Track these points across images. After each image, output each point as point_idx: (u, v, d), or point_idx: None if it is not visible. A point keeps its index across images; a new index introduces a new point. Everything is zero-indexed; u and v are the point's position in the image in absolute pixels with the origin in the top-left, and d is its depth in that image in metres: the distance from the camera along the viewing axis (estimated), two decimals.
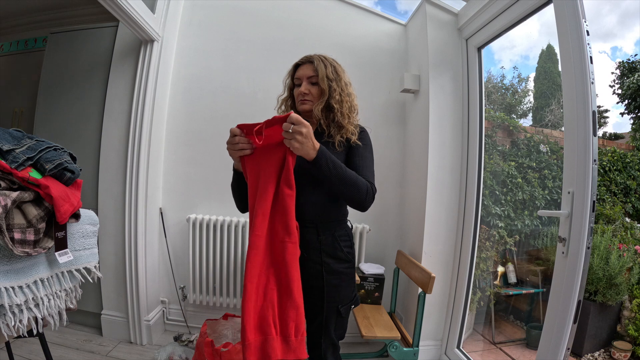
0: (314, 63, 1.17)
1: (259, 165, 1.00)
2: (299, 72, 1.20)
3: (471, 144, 1.89)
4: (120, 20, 1.72)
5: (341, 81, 1.18)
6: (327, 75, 1.16)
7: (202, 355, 1.51)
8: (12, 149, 0.95)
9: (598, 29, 13.75)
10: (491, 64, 6.39)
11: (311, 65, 1.18)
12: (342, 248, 1.13)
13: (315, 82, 1.17)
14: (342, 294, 1.13)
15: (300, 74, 1.19)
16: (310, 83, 1.18)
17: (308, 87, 1.17)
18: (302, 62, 1.20)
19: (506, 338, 2.50)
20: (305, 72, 1.18)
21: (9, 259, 0.89)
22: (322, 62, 1.17)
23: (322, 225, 1.11)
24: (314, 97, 1.17)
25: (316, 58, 1.18)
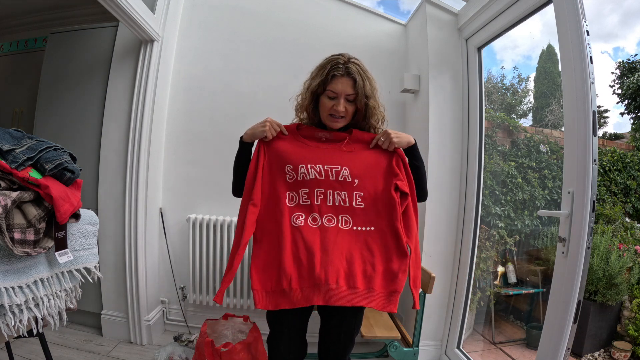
0: (356, 81, 1.08)
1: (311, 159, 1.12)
2: (336, 85, 1.09)
3: (471, 144, 1.89)
4: (120, 20, 1.72)
5: (376, 94, 1.15)
6: (366, 93, 1.11)
7: (202, 355, 1.51)
8: (12, 149, 0.95)
9: (600, 29, 13.74)
10: (493, 64, 6.39)
11: (351, 82, 1.09)
12: None
13: (351, 100, 1.11)
14: None
15: (339, 90, 1.09)
16: (348, 101, 1.11)
17: (346, 105, 1.11)
18: (340, 74, 1.09)
19: (506, 338, 2.50)
20: (345, 89, 1.09)
21: (9, 259, 0.90)
22: (361, 79, 1.09)
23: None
24: (348, 116, 1.14)
25: (356, 73, 1.08)
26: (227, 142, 1.52)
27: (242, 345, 1.54)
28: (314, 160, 1.11)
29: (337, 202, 1.09)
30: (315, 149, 1.14)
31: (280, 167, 1.11)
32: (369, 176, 1.11)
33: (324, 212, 1.08)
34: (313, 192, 1.08)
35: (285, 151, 1.13)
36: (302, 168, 1.09)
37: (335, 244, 1.04)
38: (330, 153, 1.13)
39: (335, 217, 1.08)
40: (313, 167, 1.09)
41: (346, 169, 1.10)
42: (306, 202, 1.08)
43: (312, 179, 1.09)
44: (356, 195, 1.09)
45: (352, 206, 1.09)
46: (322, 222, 1.07)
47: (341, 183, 1.09)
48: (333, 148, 1.14)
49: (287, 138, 1.16)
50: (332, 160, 1.11)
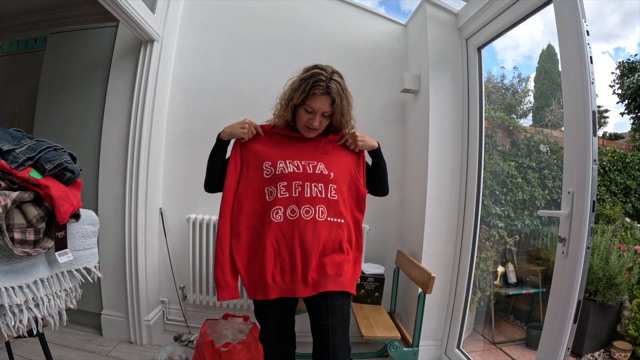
0: (335, 101, 1.15)
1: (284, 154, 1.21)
2: (314, 102, 1.14)
3: (471, 144, 1.89)
4: (120, 20, 1.72)
5: (350, 109, 1.22)
6: (342, 111, 1.18)
7: (202, 355, 1.51)
8: (12, 149, 0.95)
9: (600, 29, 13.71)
10: (494, 64, 6.37)
11: (329, 101, 1.15)
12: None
13: (327, 116, 1.19)
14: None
15: (317, 107, 1.15)
16: (323, 116, 1.18)
17: (321, 120, 1.18)
18: (321, 92, 1.13)
19: (506, 338, 2.50)
20: (322, 107, 1.15)
21: (9, 259, 0.90)
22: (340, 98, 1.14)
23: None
24: (322, 128, 1.22)
25: (336, 93, 1.13)
26: None
27: (242, 345, 1.54)
28: (291, 156, 1.19)
29: (314, 193, 1.16)
30: (292, 145, 1.23)
31: (257, 166, 1.19)
32: (341, 173, 1.22)
33: (302, 203, 1.14)
34: (291, 185, 1.15)
35: (263, 150, 1.21)
36: (280, 163, 1.17)
37: (312, 239, 1.13)
38: (307, 150, 1.22)
39: (312, 207, 1.15)
40: (291, 163, 1.17)
41: (322, 164, 1.19)
42: (284, 194, 1.15)
43: (290, 172, 1.16)
44: (331, 187, 1.18)
45: (327, 197, 1.17)
46: (300, 214, 1.14)
47: (318, 176, 1.17)
48: (309, 146, 1.23)
49: (264, 138, 1.24)
50: (309, 157, 1.20)
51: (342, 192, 1.21)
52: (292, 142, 1.23)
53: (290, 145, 1.22)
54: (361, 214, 1.26)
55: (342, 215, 1.19)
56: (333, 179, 1.19)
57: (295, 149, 1.22)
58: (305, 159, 1.19)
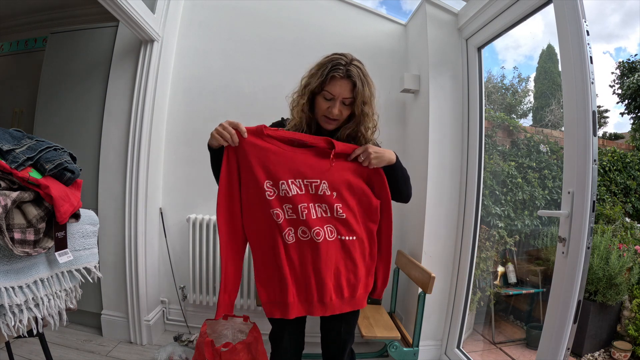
0: (355, 85, 1.05)
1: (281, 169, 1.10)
2: (334, 87, 1.05)
3: (471, 144, 1.89)
4: (120, 20, 1.72)
5: (373, 101, 1.11)
6: (364, 99, 1.07)
7: (202, 355, 1.51)
8: (12, 149, 0.95)
9: (602, 30, 13.69)
10: (495, 64, 6.37)
11: (350, 85, 1.05)
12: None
13: (347, 104, 1.08)
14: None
15: (336, 92, 1.06)
16: (343, 104, 1.08)
17: (341, 108, 1.08)
18: (340, 76, 1.04)
19: (506, 338, 2.50)
20: (342, 92, 1.05)
21: (9, 259, 0.90)
22: (361, 83, 1.05)
23: None
24: (342, 119, 1.12)
25: (357, 76, 1.04)
26: None
27: (242, 345, 1.53)
28: (293, 173, 1.08)
29: (319, 214, 1.10)
30: (293, 157, 1.09)
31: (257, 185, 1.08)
32: (348, 188, 1.12)
33: (311, 225, 1.09)
34: (297, 208, 1.08)
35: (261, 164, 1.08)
36: (283, 185, 1.07)
37: (325, 261, 1.10)
38: (308, 163, 1.10)
39: (322, 228, 1.10)
40: (294, 183, 1.08)
41: (325, 183, 1.10)
42: (292, 216, 1.09)
43: (294, 195, 1.08)
44: (336, 207, 1.11)
45: (335, 216, 1.11)
46: (311, 236, 1.09)
47: (321, 197, 1.10)
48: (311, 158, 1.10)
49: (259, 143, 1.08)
50: (311, 173, 1.09)
51: (351, 208, 1.13)
52: (293, 154, 1.09)
53: (290, 158, 1.09)
54: (374, 224, 1.17)
55: (354, 231, 1.13)
56: (337, 198, 1.11)
57: (296, 162, 1.09)
58: (308, 177, 1.09)
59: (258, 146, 1.08)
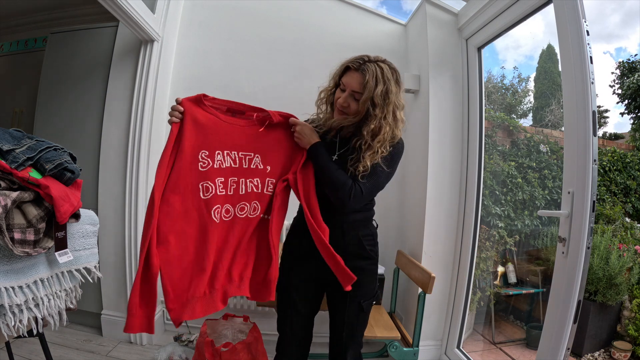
0: (365, 77, 1.02)
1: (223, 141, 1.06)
2: (346, 77, 1.06)
3: (471, 144, 1.89)
4: (120, 20, 1.72)
5: (389, 106, 1.04)
6: (374, 98, 1.02)
7: (202, 355, 1.51)
8: (12, 149, 0.95)
9: (602, 30, 13.68)
10: (495, 64, 6.37)
11: (360, 78, 1.03)
12: (366, 247, 1.17)
13: (356, 98, 1.05)
14: (364, 289, 1.16)
15: (347, 82, 1.05)
16: (353, 97, 1.06)
17: (348, 100, 1.06)
18: (354, 67, 1.05)
19: (506, 338, 2.50)
20: (352, 83, 1.04)
21: (9, 259, 0.89)
22: (374, 79, 1.01)
23: (347, 226, 1.14)
24: (351, 112, 1.08)
25: (371, 72, 1.01)
26: None
27: (242, 345, 1.53)
28: (229, 144, 1.06)
29: (249, 189, 1.09)
30: (229, 127, 1.07)
31: (193, 153, 1.02)
32: (281, 162, 1.12)
33: (237, 200, 1.07)
34: (228, 181, 1.06)
35: (198, 133, 1.04)
36: (218, 155, 1.05)
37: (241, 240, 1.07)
38: (245, 135, 1.09)
39: (248, 204, 1.08)
40: (229, 155, 1.06)
41: (258, 157, 1.10)
42: (222, 192, 1.05)
43: (227, 167, 1.06)
44: (268, 181, 1.10)
45: (263, 192, 1.10)
46: (234, 213, 1.07)
47: (254, 171, 1.09)
48: (248, 128, 1.09)
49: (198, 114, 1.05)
50: (246, 146, 1.08)
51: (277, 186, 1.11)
52: (229, 125, 1.08)
53: (227, 130, 1.07)
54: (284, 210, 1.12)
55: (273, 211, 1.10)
56: (270, 172, 1.10)
57: (232, 134, 1.07)
58: (243, 149, 1.08)
59: (197, 117, 1.05)
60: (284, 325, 1.22)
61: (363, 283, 1.14)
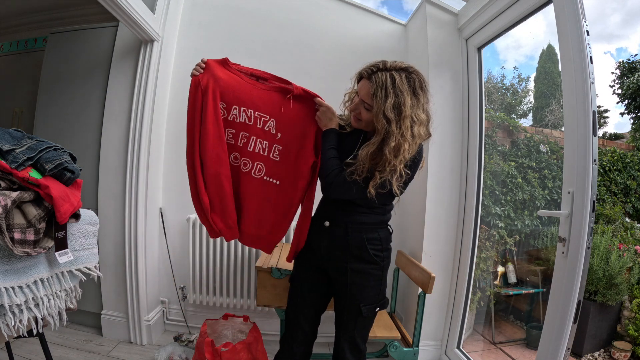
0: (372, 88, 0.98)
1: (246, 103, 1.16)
2: (360, 84, 1.06)
3: (471, 144, 1.89)
4: (120, 20, 1.72)
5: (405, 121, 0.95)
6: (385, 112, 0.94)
7: (202, 355, 1.51)
8: (12, 149, 0.95)
9: (603, 30, 13.67)
10: (496, 64, 6.37)
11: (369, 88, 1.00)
12: (369, 250, 1.11)
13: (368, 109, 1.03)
14: (366, 293, 1.13)
15: (359, 90, 1.06)
16: (363, 106, 1.04)
17: (359, 108, 1.05)
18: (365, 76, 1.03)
19: (506, 338, 2.50)
20: (361, 92, 1.04)
21: (9, 259, 0.90)
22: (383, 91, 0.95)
23: (352, 226, 1.11)
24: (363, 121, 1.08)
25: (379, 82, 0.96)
26: None
27: (242, 345, 1.54)
28: (247, 103, 1.14)
29: (257, 149, 1.15)
30: (251, 88, 1.16)
31: (215, 105, 1.12)
32: (294, 134, 1.16)
33: (243, 155, 1.15)
34: (238, 135, 1.14)
35: (220, 88, 1.13)
36: (234, 109, 1.14)
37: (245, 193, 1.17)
38: (265, 98, 1.15)
39: (251, 162, 1.16)
40: (245, 112, 1.14)
41: (273, 121, 1.15)
42: (230, 141, 1.15)
43: (241, 122, 1.14)
44: (275, 147, 1.15)
45: (269, 157, 1.16)
46: (240, 164, 1.16)
47: (265, 133, 1.15)
48: (269, 93, 1.16)
49: (221, 73, 1.15)
50: (264, 108, 1.15)
51: (288, 154, 1.16)
52: (252, 86, 1.17)
53: (249, 89, 1.16)
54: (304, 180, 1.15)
55: (280, 176, 1.17)
56: (280, 139, 1.15)
57: (253, 94, 1.16)
58: (260, 109, 1.15)
59: (219, 75, 1.14)
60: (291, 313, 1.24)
61: (363, 286, 1.12)
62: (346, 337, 1.18)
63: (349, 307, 1.14)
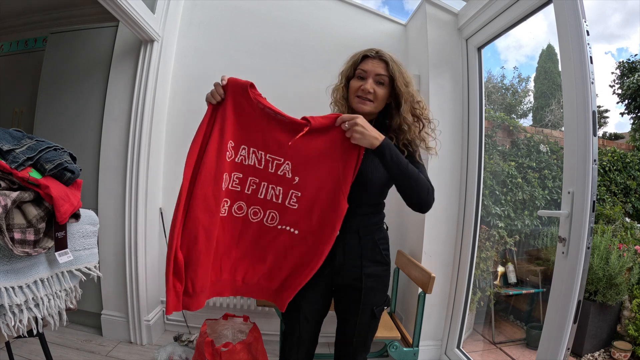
0: (388, 64, 1.03)
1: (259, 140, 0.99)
2: (366, 64, 1.05)
3: (471, 144, 1.89)
4: (120, 20, 1.72)
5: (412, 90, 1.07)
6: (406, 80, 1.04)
7: (202, 355, 1.51)
8: (12, 149, 0.95)
9: (604, 30, 13.66)
10: (497, 64, 6.37)
11: (383, 64, 1.04)
12: (381, 251, 1.11)
13: (382, 82, 1.04)
14: (378, 296, 1.12)
15: (369, 68, 1.04)
16: (377, 82, 1.04)
17: (374, 86, 1.03)
18: (372, 55, 1.06)
19: (506, 338, 2.50)
20: (375, 68, 1.04)
21: (9, 259, 0.90)
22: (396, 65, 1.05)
23: (363, 230, 1.09)
24: (376, 100, 1.05)
25: (389, 58, 1.05)
26: None
27: (242, 345, 1.54)
28: (258, 143, 0.98)
29: (269, 196, 0.99)
30: (264, 125, 0.98)
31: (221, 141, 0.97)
32: (316, 176, 0.97)
33: (252, 203, 0.99)
34: (246, 180, 0.98)
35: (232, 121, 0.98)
36: (243, 150, 0.98)
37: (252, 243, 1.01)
38: (278, 137, 0.98)
39: (262, 211, 1.00)
40: (255, 153, 0.98)
41: (288, 164, 0.98)
42: (235, 187, 0.98)
43: (249, 165, 0.98)
44: (292, 194, 0.98)
45: (284, 205, 0.99)
46: (247, 213, 1.00)
47: (279, 178, 0.98)
48: (283, 129, 0.98)
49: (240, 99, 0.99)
50: (277, 150, 0.98)
51: (309, 201, 0.98)
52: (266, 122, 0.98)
53: (261, 126, 0.98)
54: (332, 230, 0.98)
55: (299, 226, 0.99)
56: (297, 184, 0.98)
57: (265, 132, 0.98)
58: (272, 152, 0.98)
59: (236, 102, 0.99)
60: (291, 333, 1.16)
61: (377, 290, 1.11)
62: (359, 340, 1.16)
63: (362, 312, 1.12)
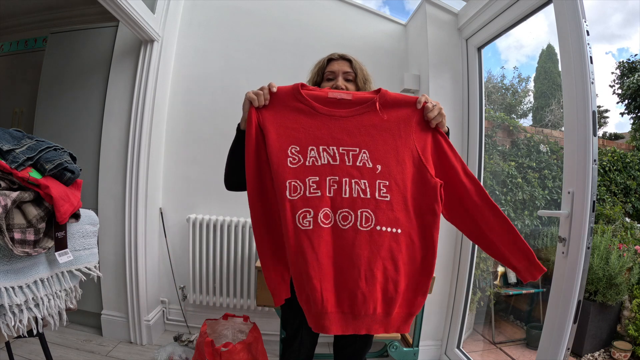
0: (351, 63, 1.12)
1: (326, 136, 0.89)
2: (332, 66, 1.13)
3: (471, 144, 1.89)
4: (120, 20, 1.72)
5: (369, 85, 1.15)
6: (365, 77, 1.13)
7: (202, 355, 1.51)
8: (12, 149, 0.95)
9: (604, 30, 13.67)
10: (497, 64, 6.37)
11: (347, 62, 1.13)
12: None
13: (349, 79, 1.12)
14: None
15: (335, 69, 1.12)
16: (346, 79, 1.12)
17: (345, 83, 1.11)
18: (336, 58, 1.14)
19: (506, 338, 2.50)
20: (341, 67, 1.12)
21: (9, 259, 0.90)
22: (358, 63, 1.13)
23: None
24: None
25: (351, 57, 1.14)
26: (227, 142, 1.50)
27: (242, 345, 1.54)
28: (327, 139, 0.88)
29: (355, 192, 0.85)
30: (328, 119, 0.89)
31: (281, 147, 0.87)
32: (395, 159, 0.87)
33: (338, 206, 0.84)
34: (325, 181, 0.85)
35: (288, 125, 0.89)
36: (312, 151, 0.87)
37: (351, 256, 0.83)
38: (348, 129, 0.89)
39: (352, 212, 0.84)
40: (326, 150, 0.87)
41: (365, 152, 0.87)
42: (315, 193, 0.84)
43: (324, 164, 0.86)
44: (379, 184, 0.85)
45: (375, 198, 0.85)
46: (335, 220, 0.84)
47: (360, 169, 0.86)
48: (351, 122, 0.89)
49: (291, 103, 0.91)
50: (349, 141, 0.88)
51: (400, 188, 0.86)
52: (329, 117, 0.90)
53: (325, 122, 0.89)
54: (433, 215, 0.91)
55: (399, 222, 0.85)
56: (381, 172, 0.86)
57: (332, 127, 0.89)
58: (344, 144, 0.87)
59: (288, 106, 0.90)
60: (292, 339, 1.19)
61: None
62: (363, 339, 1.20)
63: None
